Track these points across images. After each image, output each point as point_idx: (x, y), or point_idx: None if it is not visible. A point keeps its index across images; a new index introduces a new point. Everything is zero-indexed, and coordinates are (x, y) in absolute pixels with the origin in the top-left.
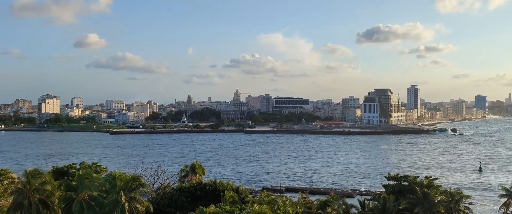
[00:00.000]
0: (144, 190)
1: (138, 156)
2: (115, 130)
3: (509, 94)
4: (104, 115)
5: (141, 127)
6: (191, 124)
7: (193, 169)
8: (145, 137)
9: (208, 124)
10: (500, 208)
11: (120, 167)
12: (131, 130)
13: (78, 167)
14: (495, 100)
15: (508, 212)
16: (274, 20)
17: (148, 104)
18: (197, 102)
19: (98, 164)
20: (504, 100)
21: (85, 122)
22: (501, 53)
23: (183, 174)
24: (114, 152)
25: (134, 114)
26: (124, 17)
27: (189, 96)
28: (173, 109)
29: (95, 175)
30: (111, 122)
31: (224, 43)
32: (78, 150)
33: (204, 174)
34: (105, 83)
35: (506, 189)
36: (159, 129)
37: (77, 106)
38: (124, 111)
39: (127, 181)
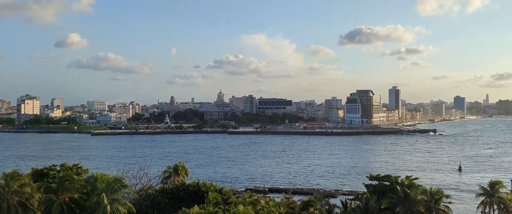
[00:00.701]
0: (126, 192)
1: (120, 157)
2: (97, 131)
3: (487, 95)
4: (85, 116)
5: (123, 128)
6: (174, 125)
7: (176, 170)
8: (127, 138)
9: (191, 125)
10: (478, 207)
11: (102, 168)
12: (113, 131)
13: (58, 168)
14: (473, 102)
15: (486, 210)
16: (257, 21)
17: (131, 105)
18: (180, 103)
19: (79, 166)
20: (482, 102)
21: (66, 123)
22: (479, 55)
23: (166, 175)
24: (95, 154)
25: (116, 114)
26: (107, 17)
27: (172, 97)
28: (156, 109)
29: (76, 176)
30: (92, 123)
31: (207, 43)
32: (58, 152)
33: (187, 175)
34: (86, 84)
35: (484, 188)
36: (142, 130)
37: (58, 107)
38: (106, 112)
39: (108, 183)
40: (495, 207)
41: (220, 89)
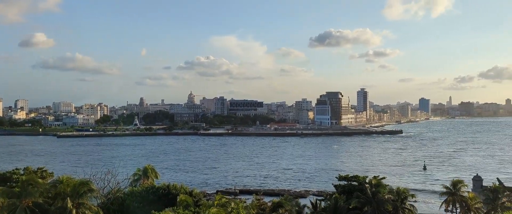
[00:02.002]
0: (94, 195)
1: (87, 160)
2: (63, 133)
3: (450, 97)
4: (51, 118)
5: (91, 130)
6: (143, 127)
7: (146, 172)
8: (95, 140)
9: (161, 126)
10: (441, 206)
11: (68, 171)
12: (80, 133)
13: (21, 172)
14: (437, 103)
15: (449, 208)
16: (227, 23)
17: (99, 107)
18: (150, 104)
19: (43, 169)
20: (445, 103)
21: (30, 125)
22: (442, 58)
23: (135, 178)
24: (61, 156)
25: (83, 116)
26: (74, 17)
27: (141, 99)
28: (125, 111)
29: (40, 180)
30: (58, 125)
31: (178, 44)
32: (22, 155)
33: (157, 177)
34: (52, 85)
35: (447, 187)
36: (110, 132)
37: (22, 108)
38: (72, 114)
39: (74, 186)
40: (458, 205)
41: (191, 90)
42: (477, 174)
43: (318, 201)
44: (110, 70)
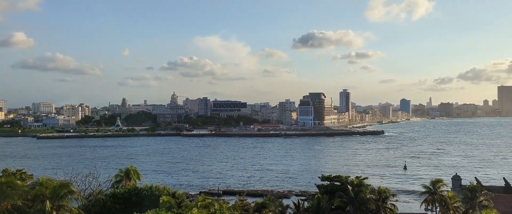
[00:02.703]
0: (74, 197)
1: (68, 161)
2: (43, 135)
3: (430, 98)
4: (30, 119)
5: (72, 131)
6: (126, 128)
7: (128, 174)
8: (76, 141)
9: (144, 127)
10: (421, 204)
11: (48, 173)
12: (60, 134)
13: (0, 174)
14: (417, 104)
15: (429, 207)
16: (210, 23)
17: (80, 108)
18: (133, 105)
19: (23, 171)
20: (425, 104)
21: (9, 126)
22: (423, 60)
23: (117, 179)
24: (41, 158)
25: (64, 117)
26: (55, 16)
27: (123, 99)
28: (106, 112)
29: (19, 182)
30: (38, 126)
31: (161, 45)
32: (0, 157)
33: (139, 179)
34: (32, 85)
35: (426, 187)
36: (92, 133)
37: (0, 109)
38: (53, 115)
39: (54, 188)
40: (437, 204)
41: (174, 91)
42: (456, 173)
43: (301, 201)
44: (91, 70)
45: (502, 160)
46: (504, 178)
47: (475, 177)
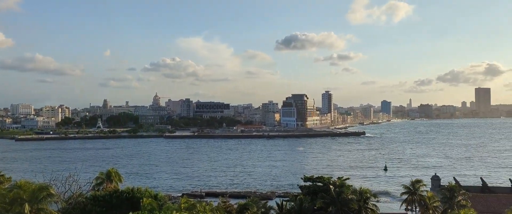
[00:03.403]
0: (54, 200)
1: (47, 164)
2: (22, 137)
3: (410, 100)
4: (8, 120)
5: (51, 133)
6: (107, 129)
7: (109, 176)
8: (56, 143)
9: (125, 129)
10: (402, 205)
11: (27, 176)
12: (39, 136)
13: None
14: (398, 105)
15: (409, 207)
16: (193, 24)
17: (60, 109)
18: (114, 106)
19: (0, 174)
20: (406, 105)
21: None
22: (403, 62)
23: (98, 181)
24: (19, 161)
25: (43, 119)
26: (35, 16)
27: (105, 101)
28: (87, 113)
29: None
30: (16, 128)
31: (143, 45)
32: None
33: (120, 181)
34: (10, 86)
35: (406, 187)
36: (72, 135)
37: None
38: (32, 116)
39: (33, 191)
40: (417, 204)
41: (156, 92)
42: (435, 173)
43: (284, 202)
44: (72, 71)
45: (479, 160)
46: (481, 178)
47: (454, 177)
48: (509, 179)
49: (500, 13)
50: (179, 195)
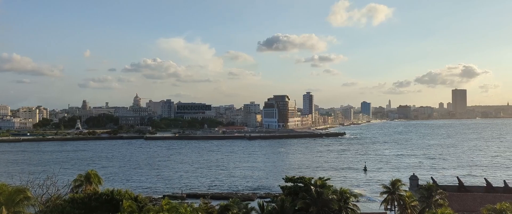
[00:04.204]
0: (31, 203)
1: (24, 166)
2: None
3: (389, 101)
4: None
5: (28, 134)
6: (86, 131)
7: (88, 178)
8: (33, 145)
9: (105, 130)
10: (381, 204)
11: (3, 179)
12: (16, 138)
13: None
14: (378, 107)
15: (388, 207)
16: (174, 24)
17: (38, 110)
18: (94, 108)
19: None
20: (385, 107)
21: None
22: (382, 64)
23: (76, 184)
24: None
25: (20, 120)
26: (12, 15)
27: (84, 101)
28: (66, 114)
29: None
30: None
31: (124, 46)
32: None
33: (100, 183)
34: None
35: (386, 187)
36: (50, 136)
37: None
38: (8, 117)
39: (10, 194)
40: (396, 203)
41: (137, 93)
42: (413, 173)
43: (265, 203)
44: (50, 71)
45: (456, 160)
46: (457, 177)
47: (431, 177)
48: (484, 178)
49: (475, 16)
50: (160, 196)
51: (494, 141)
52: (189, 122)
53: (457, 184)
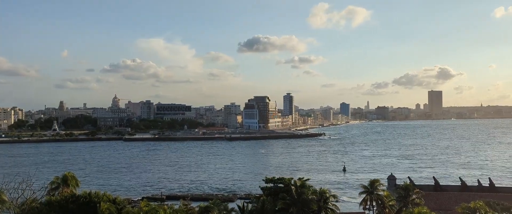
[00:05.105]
0: (6, 207)
1: None
2: None
3: (367, 102)
4: None
5: (3, 136)
6: (63, 132)
7: (65, 180)
8: (8, 147)
9: (83, 131)
10: (360, 204)
11: None
12: None
13: None
14: (356, 108)
15: (367, 206)
16: (153, 25)
17: (13, 111)
18: (71, 109)
19: None
20: (364, 108)
21: None
22: (361, 65)
23: (53, 186)
24: None
25: None
26: None
27: (61, 102)
28: (42, 115)
29: None
30: None
31: (102, 46)
32: None
33: (77, 185)
34: None
35: (364, 187)
36: (26, 138)
37: None
38: None
39: None
40: (374, 203)
41: (116, 94)
42: (391, 173)
43: (245, 204)
44: (26, 72)
45: (432, 160)
46: (434, 177)
47: (408, 177)
48: (459, 178)
49: (451, 19)
50: (139, 198)
51: (468, 141)
52: (169, 123)
53: (433, 184)
